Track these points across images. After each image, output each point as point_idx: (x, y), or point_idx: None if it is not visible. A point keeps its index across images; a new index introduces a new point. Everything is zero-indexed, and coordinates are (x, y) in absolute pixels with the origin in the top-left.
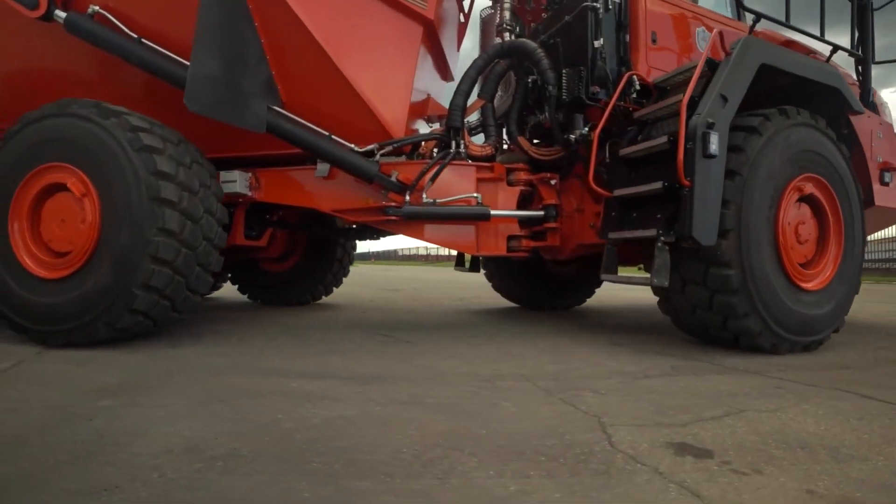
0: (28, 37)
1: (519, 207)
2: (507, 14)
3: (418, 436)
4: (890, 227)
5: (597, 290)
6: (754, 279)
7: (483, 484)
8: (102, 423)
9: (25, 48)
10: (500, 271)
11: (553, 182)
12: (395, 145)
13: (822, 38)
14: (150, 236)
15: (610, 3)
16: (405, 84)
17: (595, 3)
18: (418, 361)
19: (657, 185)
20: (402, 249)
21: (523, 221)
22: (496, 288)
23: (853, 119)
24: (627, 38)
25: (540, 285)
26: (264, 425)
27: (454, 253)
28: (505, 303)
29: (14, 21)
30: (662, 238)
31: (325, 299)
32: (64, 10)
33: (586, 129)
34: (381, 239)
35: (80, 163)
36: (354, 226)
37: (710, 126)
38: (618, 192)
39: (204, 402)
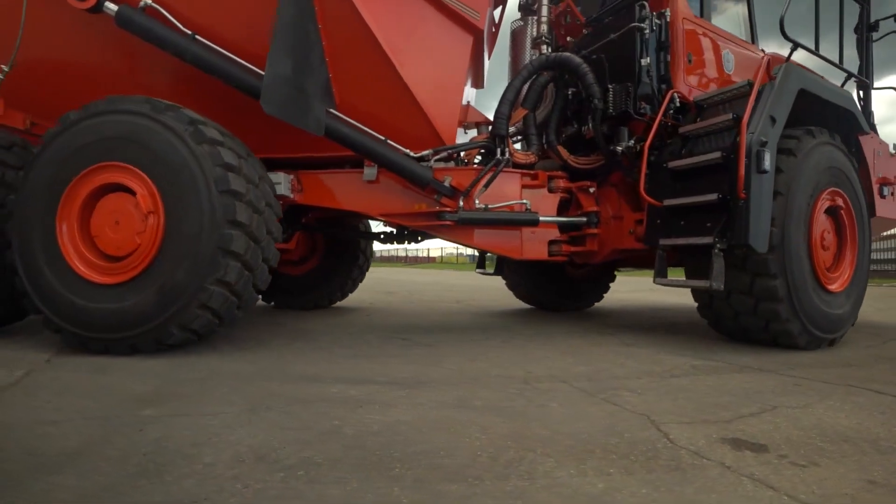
0: (69, 31)
1: (558, 214)
2: (544, 27)
3: (485, 438)
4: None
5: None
6: (795, 287)
7: (570, 483)
8: (157, 434)
9: (66, 43)
10: (519, 274)
11: (591, 190)
12: (449, 152)
13: (840, 66)
14: (222, 229)
15: (654, 24)
16: (457, 91)
17: (642, 25)
18: (447, 365)
19: (712, 196)
20: (381, 251)
21: (563, 227)
22: (513, 290)
23: (861, 138)
24: (668, 57)
25: (557, 288)
26: (326, 432)
27: (433, 255)
28: (500, 305)
29: (54, 14)
30: (718, 245)
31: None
32: (114, 3)
33: (632, 141)
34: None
35: (137, 160)
36: (394, 230)
37: (763, 144)
38: (668, 202)
39: (253, 410)
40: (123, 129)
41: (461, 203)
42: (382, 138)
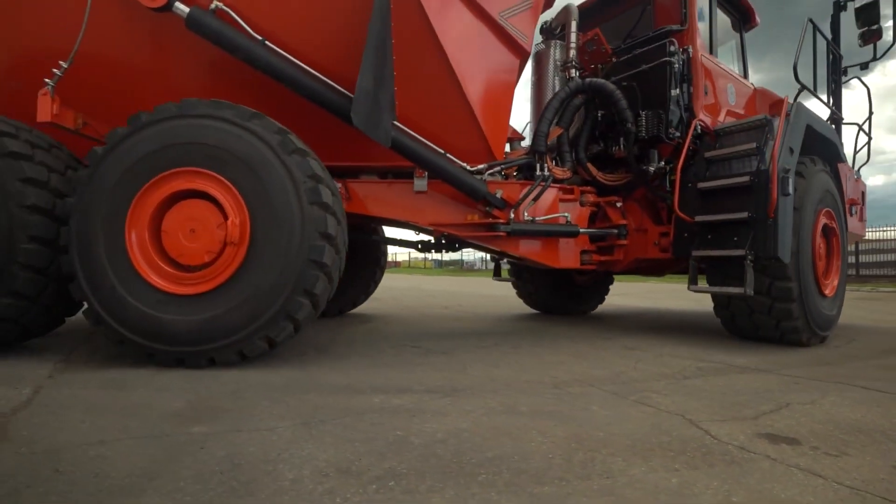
0: (132, 30)
1: (588, 226)
2: (572, 53)
3: (549, 442)
4: None
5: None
6: (805, 290)
7: (646, 479)
8: (222, 451)
9: (128, 42)
10: (532, 283)
11: (618, 204)
12: (502, 167)
13: (828, 105)
14: (313, 241)
15: (680, 59)
16: (507, 109)
17: (672, 59)
18: (473, 372)
19: (742, 214)
20: None
21: (592, 238)
22: (524, 297)
23: (839, 166)
24: (691, 89)
25: (567, 294)
26: (394, 443)
27: (400, 259)
28: (487, 311)
29: (119, 11)
30: (749, 257)
31: None
32: (185, 4)
33: (661, 162)
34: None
35: (220, 167)
36: (431, 239)
37: (787, 171)
38: (700, 218)
39: (307, 424)
40: (204, 134)
41: (511, 215)
42: (442, 151)
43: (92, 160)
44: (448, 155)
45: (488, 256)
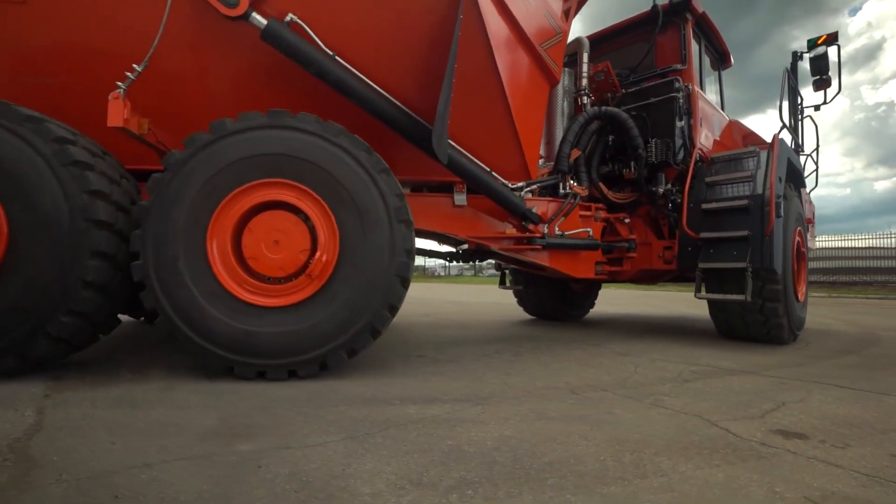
0: (204, 37)
1: (600, 240)
2: (584, 82)
3: (594, 445)
4: None
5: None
6: (787, 292)
7: (696, 475)
8: (283, 469)
9: (200, 49)
10: (534, 291)
11: (626, 220)
12: (538, 185)
13: (795, 138)
14: (402, 257)
15: (684, 95)
16: (539, 132)
17: (678, 95)
18: (489, 380)
19: (743, 232)
20: None
21: (605, 250)
22: (524, 304)
23: (801, 190)
24: (692, 121)
25: (564, 301)
26: (449, 452)
27: None
28: (466, 319)
29: (195, 18)
30: (749, 268)
31: None
32: (262, 15)
33: (668, 185)
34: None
35: (309, 180)
36: (460, 250)
37: (780, 197)
38: (704, 235)
39: (355, 437)
40: (293, 146)
41: (545, 229)
42: (488, 170)
43: (172, 165)
44: (493, 173)
45: (450, 263)
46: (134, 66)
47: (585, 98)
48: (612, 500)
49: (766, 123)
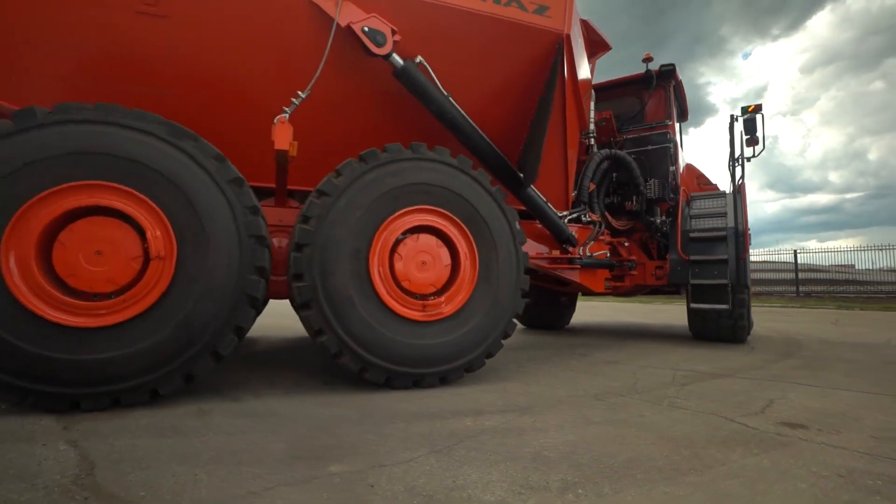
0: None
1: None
2: (592, 126)
3: (650, 443)
4: None
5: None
6: (749, 299)
7: (747, 462)
8: (397, 486)
9: (342, 81)
10: (533, 302)
11: (626, 244)
12: (577, 213)
13: (734, 182)
14: (522, 274)
15: (673, 143)
16: (574, 168)
17: (669, 144)
18: (512, 390)
19: (724, 256)
20: None
21: (612, 268)
22: (521, 316)
23: None
24: (676, 163)
25: (553, 312)
26: (536, 458)
27: None
28: None
29: (348, 51)
30: (730, 284)
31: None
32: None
33: (663, 216)
34: None
35: (455, 208)
36: None
37: (748, 228)
38: (694, 257)
39: (439, 451)
40: (437, 177)
41: (580, 251)
42: (544, 200)
43: (332, 191)
44: (548, 204)
45: None
46: (298, 92)
47: (592, 140)
48: (698, 488)
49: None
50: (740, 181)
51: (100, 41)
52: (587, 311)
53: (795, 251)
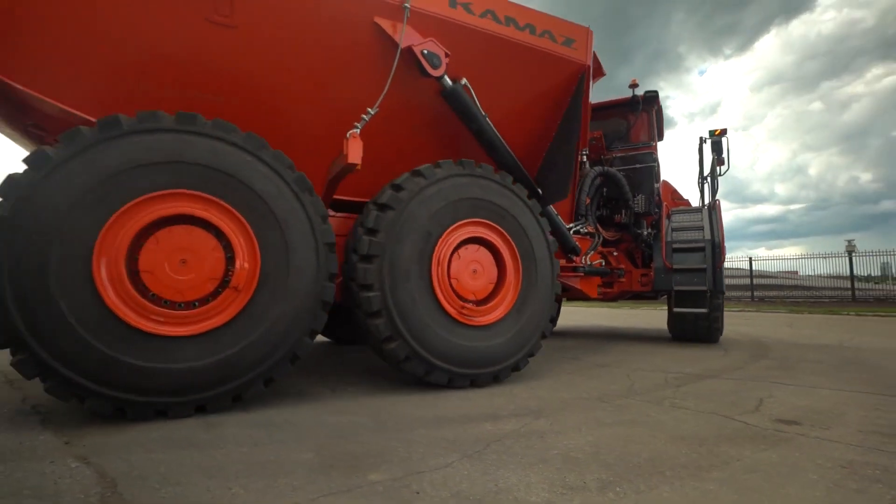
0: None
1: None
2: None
3: (665, 443)
4: None
5: None
6: (723, 304)
7: (760, 457)
8: (440, 492)
9: (399, 99)
10: None
11: (615, 253)
12: (580, 225)
13: (710, 199)
14: (556, 282)
15: (657, 162)
16: (576, 183)
17: (654, 164)
18: (519, 395)
19: (703, 265)
20: None
21: (603, 275)
22: None
23: None
24: (659, 182)
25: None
26: (566, 460)
27: None
28: None
29: (407, 71)
30: (709, 290)
31: None
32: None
33: (649, 228)
34: None
35: (502, 222)
36: None
37: (724, 241)
38: (677, 266)
39: (470, 456)
40: (487, 192)
41: (583, 260)
42: (555, 213)
43: (395, 204)
44: (559, 216)
45: None
46: (368, 109)
47: (584, 157)
48: (723, 483)
49: None
50: (716, 199)
51: (167, 47)
52: (565, 316)
53: (750, 258)
